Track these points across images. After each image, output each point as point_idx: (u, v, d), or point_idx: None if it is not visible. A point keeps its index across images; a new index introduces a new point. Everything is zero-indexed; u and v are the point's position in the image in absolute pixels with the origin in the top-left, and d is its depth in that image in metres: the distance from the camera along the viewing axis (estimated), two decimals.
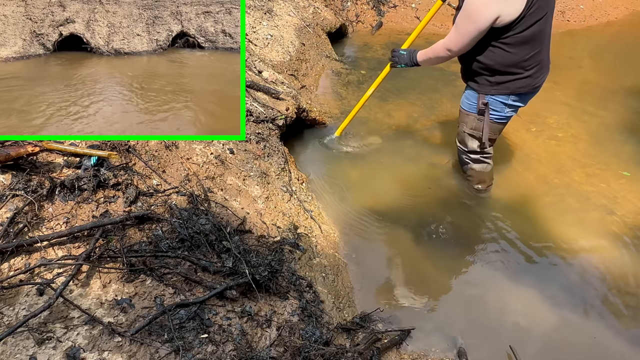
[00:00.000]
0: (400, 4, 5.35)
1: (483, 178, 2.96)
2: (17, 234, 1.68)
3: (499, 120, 2.60)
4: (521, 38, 2.24)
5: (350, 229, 2.86)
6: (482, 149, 2.77)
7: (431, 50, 2.51)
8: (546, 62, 2.45)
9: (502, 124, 2.65)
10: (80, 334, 1.53)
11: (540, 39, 2.30)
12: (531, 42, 2.28)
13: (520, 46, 2.28)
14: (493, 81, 2.43)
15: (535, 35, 2.26)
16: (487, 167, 2.91)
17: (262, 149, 2.82)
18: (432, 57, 2.52)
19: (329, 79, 4.16)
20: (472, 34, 2.25)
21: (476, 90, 2.53)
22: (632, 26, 5.38)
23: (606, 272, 2.67)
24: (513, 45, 2.27)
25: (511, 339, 2.31)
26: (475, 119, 2.62)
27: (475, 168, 2.90)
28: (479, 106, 2.53)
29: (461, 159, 2.94)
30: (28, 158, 1.88)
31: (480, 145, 2.74)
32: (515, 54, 2.30)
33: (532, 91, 2.49)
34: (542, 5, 2.18)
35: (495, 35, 2.26)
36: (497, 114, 2.56)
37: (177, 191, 2.17)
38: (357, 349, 1.99)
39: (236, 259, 1.96)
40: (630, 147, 3.54)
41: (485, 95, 2.49)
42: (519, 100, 2.51)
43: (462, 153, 2.89)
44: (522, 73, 2.38)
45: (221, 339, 1.69)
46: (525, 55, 2.31)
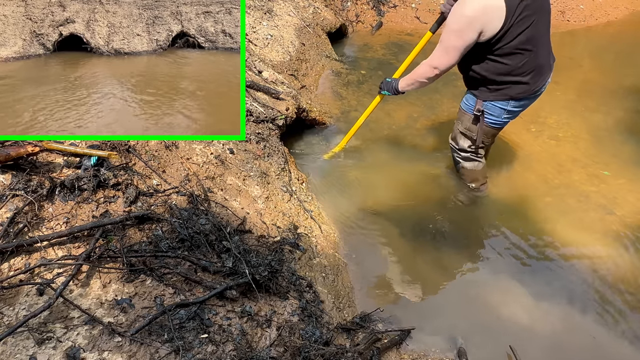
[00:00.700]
0: (400, 4, 5.34)
1: (475, 176, 2.97)
2: (17, 234, 1.68)
3: (494, 125, 2.60)
4: (509, 48, 2.25)
5: (350, 228, 2.86)
6: (473, 150, 2.79)
7: (414, 74, 2.52)
8: (545, 65, 2.44)
9: (498, 129, 2.67)
10: (80, 334, 1.53)
11: (533, 44, 2.29)
12: (522, 50, 2.28)
13: (511, 56, 2.28)
14: (492, 88, 2.45)
15: (525, 42, 2.25)
16: (478, 166, 2.91)
17: (262, 149, 2.82)
18: (417, 80, 2.53)
19: (329, 79, 4.15)
20: (459, 49, 2.26)
21: (476, 96, 2.53)
22: (632, 26, 5.38)
23: (606, 272, 2.67)
24: (503, 56, 2.28)
25: (511, 339, 2.32)
26: (471, 119, 2.63)
27: (466, 166, 2.91)
28: (475, 111, 2.55)
29: (453, 157, 2.96)
30: (28, 158, 1.88)
31: (472, 145, 2.76)
32: (507, 64, 2.31)
33: (532, 96, 2.49)
34: (528, 14, 2.17)
35: (483, 48, 2.27)
36: (494, 119, 2.56)
37: (177, 191, 2.17)
38: (357, 349, 1.99)
39: (236, 259, 1.96)
40: (630, 147, 3.53)
41: (484, 101, 2.50)
42: (519, 105, 2.51)
43: (453, 151, 2.91)
44: (518, 80, 2.38)
45: (221, 339, 1.69)
46: (519, 63, 2.32)
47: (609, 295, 2.56)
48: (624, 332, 2.41)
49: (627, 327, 2.43)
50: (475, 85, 2.50)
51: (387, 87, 2.72)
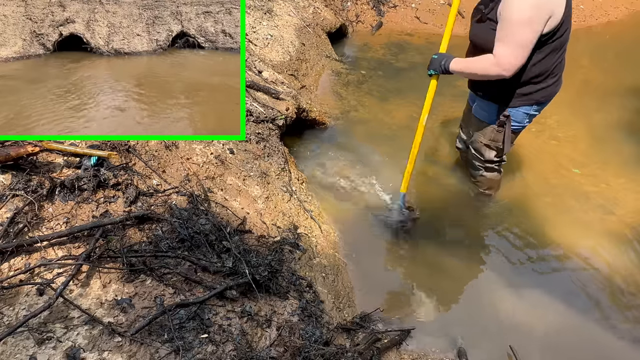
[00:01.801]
0: (400, 4, 5.34)
1: (492, 185, 2.93)
2: (17, 234, 1.68)
3: (517, 129, 2.49)
4: (558, 43, 2.11)
5: (350, 228, 2.86)
6: (499, 159, 2.71)
7: (476, 65, 2.18)
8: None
9: (518, 133, 2.56)
10: (80, 334, 1.53)
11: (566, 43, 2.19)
12: (562, 47, 2.16)
13: (553, 52, 2.15)
14: (520, 92, 2.29)
15: (566, 40, 2.15)
16: (498, 176, 2.87)
17: (262, 149, 2.82)
18: (476, 73, 2.21)
19: (329, 79, 4.15)
20: (532, 41, 2.01)
21: (497, 103, 2.39)
22: (632, 26, 5.37)
23: (606, 272, 2.67)
24: (548, 52, 2.13)
25: (511, 339, 2.32)
26: (494, 130, 2.50)
27: (486, 175, 2.85)
28: (500, 119, 2.40)
29: (474, 165, 2.83)
30: (28, 158, 1.88)
31: (498, 155, 2.66)
32: (547, 61, 2.16)
33: (550, 99, 2.39)
34: (570, 11, 2.08)
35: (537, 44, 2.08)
36: (516, 124, 2.44)
37: (177, 191, 2.17)
38: (357, 349, 1.99)
39: (236, 259, 1.96)
40: (630, 147, 3.53)
41: (508, 107, 2.36)
42: (540, 109, 2.41)
43: (477, 161, 2.78)
44: (549, 81, 2.26)
45: (221, 339, 1.69)
46: (556, 62, 2.20)
47: (609, 295, 2.56)
48: (624, 333, 2.41)
49: (627, 327, 2.43)
50: (499, 92, 2.33)
51: (435, 65, 2.32)
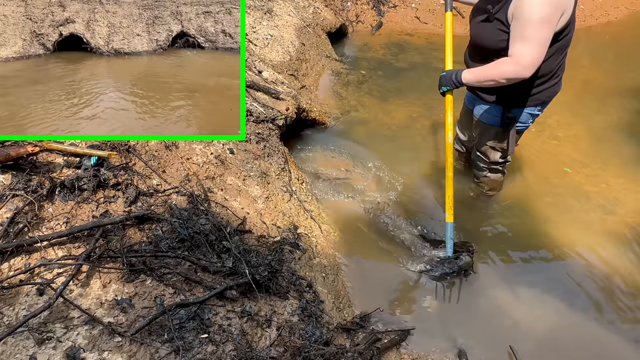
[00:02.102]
0: (400, 4, 5.34)
1: (495, 186, 2.94)
2: (17, 234, 1.68)
3: (521, 129, 2.49)
4: (564, 42, 2.09)
5: (350, 228, 2.85)
6: (504, 160, 2.70)
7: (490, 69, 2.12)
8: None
9: (522, 133, 2.55)
10: (80, 334, 1.53)
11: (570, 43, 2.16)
12: (566, 47, 2.14)
13: (558, 52, 2.12)
14: (525, 93, 2.26)
15: (570, 39, 2.13)
16: (501, 177, 2.87)
17: (262, 149, 2.82)
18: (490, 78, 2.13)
19: (329, 79, 4.15)
20: (549, 38, 1.96)
21: (501, 105, 2.35)
22: (632, 26, 5.37)
23: (606, 272, 2.67)
24: (553, 52, 2.08)
25: (511, 339, 2.31)
26: (499, 131, 2.49)
27: (490, 176, 2.85)
28: (505, 120, 2.38)
29: (478, 166, 2.83)
30: (28, 158, 1.88)
31: (503, 156, 2.66)
32: (552, 60, 2.14)
33: (552, 98, 2.37)
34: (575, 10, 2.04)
35: None
36: (522, 125, 2.44)
37: (177, 191, 2.17)
38: (357, 349, 1.99)
39: (236, 259, 1.96)
40: (630, 147, 3.53)
41: (512, 108, 2.35)
42: (542, 109, 2.40)
43: (481, 162, 2.77)
44: (552, 81, 2.25)
45: (221, 339, 1.69)
46: (560, 62, 2.18)
47: (609, 295, 2.56)
48: (624, 333, 2.41)
49: (627, 328, 2.43)
50: (503, 94, 2.29)
51: (446, 80, 2.33)
